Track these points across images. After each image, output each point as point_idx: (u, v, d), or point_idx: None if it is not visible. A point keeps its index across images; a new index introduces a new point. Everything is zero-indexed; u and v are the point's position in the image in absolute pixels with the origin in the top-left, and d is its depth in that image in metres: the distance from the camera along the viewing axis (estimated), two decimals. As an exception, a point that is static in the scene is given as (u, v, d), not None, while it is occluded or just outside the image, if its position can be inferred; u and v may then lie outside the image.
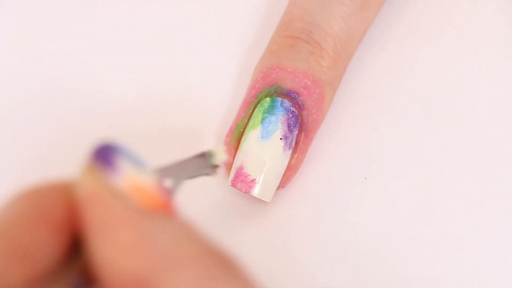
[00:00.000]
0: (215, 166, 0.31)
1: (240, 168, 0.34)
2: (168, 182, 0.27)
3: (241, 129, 0.34)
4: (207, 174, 0.30)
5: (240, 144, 0.34)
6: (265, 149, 0.34)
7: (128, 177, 0.23)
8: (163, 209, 0.23)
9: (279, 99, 0.34)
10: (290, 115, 0.34)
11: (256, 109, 0.34)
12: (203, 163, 0.30)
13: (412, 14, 0.39)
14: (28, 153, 0.37)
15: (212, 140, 0.37)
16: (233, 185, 0.34)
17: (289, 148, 0.34)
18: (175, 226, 0.22)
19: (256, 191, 0.33)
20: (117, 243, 0.22)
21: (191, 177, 0.29)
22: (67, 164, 0.35)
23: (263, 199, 0.34)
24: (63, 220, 0.23)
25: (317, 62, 0.34)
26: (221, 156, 0.31)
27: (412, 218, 0.35)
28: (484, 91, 0.38)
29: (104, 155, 0.23)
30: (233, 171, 0.34)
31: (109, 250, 0.22)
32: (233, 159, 0.34)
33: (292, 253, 0.35)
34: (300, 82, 0.34)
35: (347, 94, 0.38)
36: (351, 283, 0.34)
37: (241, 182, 0.34)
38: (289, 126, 0.34)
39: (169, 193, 0.24)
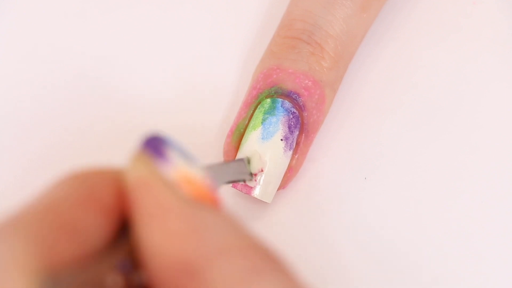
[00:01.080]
0: (253, 174, 0.32)
1: None
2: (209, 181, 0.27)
3: (242, 130, 0.34)
4: (244, 181, 0.32)
5: (241, 145, 0.34)
6: (266, 150, 0.34)
7: (178, 168, 0.23)
8: (211, 202, 0.23)
9: (280, 100, 0.34)
10: (291, 116, 0.34)
11: (256, 110, 0.34)
12: (241, 168, 0.32)
13: (411, 14, 0.39)
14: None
15: (212, 141, 0.37)
16: (233, 185, 0.34)
17: (289, 149, 0.34)
18: (223, 218, 0.23)
19: (256, 192, 0.34)
20: (166, 230, 0.22)
21: (229, 181, 0.31)
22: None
23: (263, 200, 0.34)
24: (111, 204, 0.23)
25: (318, 63, 0.34)
26: (258, 164, 0.33)
27: (412, 218, 0.35)
28: (485, 91, 0.38)
29: (156, 145, 0.24)
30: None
31: (158, 236, 0.22)
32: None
33: (293, 253, 0.35)
34: (300, 83, 0.34)
35: (347, 95, 0.38)
36: (352, 282, 0.34)
37: (241, 183, 0.34)
38: (289, 127, 0.34)
39: (215, 188, 0.25)
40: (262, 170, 0.33)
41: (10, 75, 0.39)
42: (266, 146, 0.34)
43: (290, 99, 0.34)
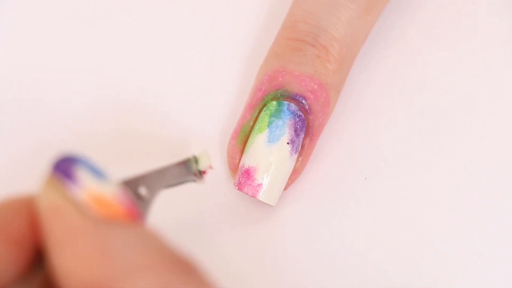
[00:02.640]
0: (201, 172, 0.30)
1: (247, 171, 0.34)
2: (142, 191, 0.27)
3: (247, 132, 0.34)
4: (192, 181, 0.30)
5: (246, 148, 0.34)
6: (272, 153, 0.34)
7: (87, 188, 0.23)
8: (126, 218, 0.23)
9: (286, 103, 0.34)
10: (297, 119, 0.34)
11: (262, 112, 0.34)
12: (185, 170, 0.30)
13: (411, 14, 0.39)
14: None
15: (214, 141, 0.37)
16: (239, 188, 0.34)
17: (295, 152, 0.34)
18: (135, 235, 0.23)
19: (262, 195, 0.34)
20: (75, 253, 0.22)
21: (171, 185, 0.29)
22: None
23: (268, 203, 0.34)
24: (23, 235, 0.23)
25: (323, 66, 0.34)
26: (206, 161, 0.30)
27: (412, 218, 0.35)
28: (485, 91, 0.38)
29: (64, 167, 0.23)
30: (239, 175, 0.34)
31: (68, 260, 0.22)
32: (239, 162, 0.34)
33: (295, 253, 0.35)
34: (306, 86, 0.34)
35: (348, 96, 0.38)
36: (353, 282, 0.34)
37: (248, 186, 0.34)
38: (295, 131, 0.34)
39: (133, 202, 0.24)
40: (211, 167, 0.31)
41: None
42: (272, 149, 0.34)
43: (296, 102, 0.34)
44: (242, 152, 0.34)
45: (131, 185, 0.26)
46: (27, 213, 0.23)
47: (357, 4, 0.35)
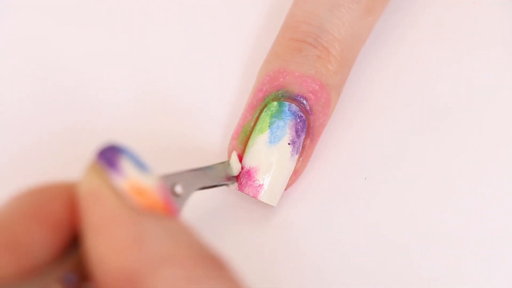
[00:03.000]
0: (233, 177, 0.32)
1: (248, 172, 0.34)
2: (178, 188, 0.27)
3: (248, 133, 0.34)
4: (225, 185, 0.32)
5: (247, 148, 0.34)
6: (273, 154, 0.34)
7: (129, 178, 0.24)
8: (163, 210, 0.24)
9: (287, 103, 0.34)
10: (298, 120, 0.34)
11: (263, 113, 0.34)
12: (219, 174, 0.31)
13: (412, 15, 0.39)
14: (26, 155, 0.37)
15: (215, 141, 0.37)
16: (240, 189, 0.34)
17: (296, 153, 0.34)
18: (171, 227, 0.23)
19: (263, 196, 0.34)
20: (110, 241, 0.22)
21: (206, 187, 0.30)
22: (65, 166, 0.35)
23: (269, 204, 0.34)
24: (61, 218, 0.24)
25: (324, 67, 0.34)
26: (237, 166, 0.32)
27: (412, 218, 0.35)
28: (485, 91, 0.38)
29: (108, 155, 0.24)
30: (240, 175, 0.34)
31: (103, 246, 0.22)
32: (240, 163, 0.34)
33: (296, 253, 0.35)
34: (308, 87, 0.34)
35: (348, 96, 0.38)
36: (354, 282, 0.34)
37: (249, 186, 0.34)
38: (297, 131, 0.34)
39: (173, 196, 0.25)
40: (242, 168, 0.33)
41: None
42: (273, 150, 0.34)
43: (297, 102, 0.34)
44: (243, 152, 0.34)
45: (168, 181, 0.27)
46: (66, 197, 0.24)
47: (358, 5, 0.35)
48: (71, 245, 0.24)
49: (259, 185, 0.34)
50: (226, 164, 0.33)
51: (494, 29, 0.39)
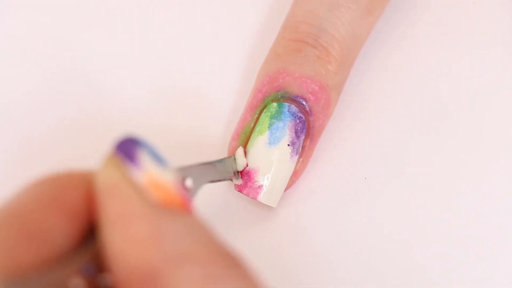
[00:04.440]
0: (238, 172, 0.32)
1: (247, 173, 0.34)
2: (189, 182, 0.27)
3: (248, 133, 0.34)
4: (230, 179, 0.32)
5: (247, 150, 0.34)
6: (272, 155, 0.34)
7: (148, 172, 0.23)
8: (180, 206, 0.23)
9: (286, 104, 0.34)
10: (298, 121, 0.34)
11: (262, 114, 0.34)
12: (228, 167, 0.31)
13: (412, 15, 0.39)
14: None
15: (215, 141, 0.37)
16: (239, 190, 0.34)
17: (296, 154, 0.34)
18: (189, 223, 0.23)
19: (263, 197, 0.34)
20: (129, 235, 0.22)
21: (214, 180, 0.30)
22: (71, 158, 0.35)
23: (269, 205, 0.34)
24: (79, 208, 0.23)
25: (324, 67, 0.34)
26: (242, 161, 0.33)
27: (412, 218, 0.35)
28: (485, 91, 0.38)
29: (127, 148, 0.23)
30: (239, 176, 0.34)
31: (121, 240, 0.22)
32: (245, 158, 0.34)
33: (296, 254, 0.35)
34: (307, 88, 0.34)
35: (348, 96, 0.38)
36: (354, 282, 0.34)
37: (248, 187, 0.34)
38: (296, 132, 0.34)
39: (188, 192, 0.25)
40: (247, 165, 0.33)
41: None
42: (273, 151, 0.33)
43: (297, 103, 0.34)
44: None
45: (180, 174, 0.27)
46: (85, 187, 0.24)
47: (358, 5, 0.34)
48: (89, 236, 0.24)
49: (259, 186, 0.34)
50: (232, 159, 0.32)
51: (494, 29, 0.39)
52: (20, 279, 0.22)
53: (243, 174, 0.34)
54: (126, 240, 0.22)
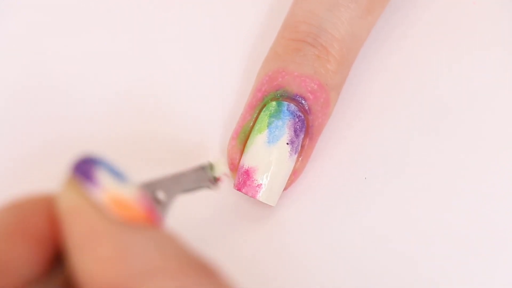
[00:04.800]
0: (216, 179, 0.30)
1: (246, 172, 0.34)
2: (160, 195, 0.27)
3: (247, 133, 0.34)
4: (207, 187, 0.30)
5: (246, 148, 0.34)
6: (271, 154, 0.34)
7: (107, 190, 0.23)
8: (145, 221, 0.23)
9: (285, 103, 0.34)
10: (297, 120, 0.34)
11: (262, 113, 0.34)
12: (201, 176, 0.30)
13: (412, 15, 0.39)
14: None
15: (215, 141, 0.37)
16: (238, 189, 0.34)
17: (295, 153, 0.34)
18: (155, 237, 0.23)
19: (262, 196, 0.34)
20: (95, 255, 0.22)
21: (188, 190, 0.29)
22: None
23: (268, 204, 0.34)
24: (44, 233, 0.23)
25: (323, 67, 0.34)
26: (221, 169, 0.30)
27: (412, 218, 0.35)
28: (485, 91, 0.38)
29: (84, 168, 0.23)
30: (238, 175, 0.34)
31: (88, 262, 0.22)
32: (239, 162, 0.34)
33: (295, 253, 0.35)
34: (306, 87, 0.34)
35: (348, 96, 0.38)
36: (353, 282, 0.34)
37: (247, 186, 0.34)
38: (295, 131, 0.34)
39: (152, 205, 0.24)
40: (226, 175, 0.31)
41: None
42: (272, 150, 0.33)
43: (296, 102, 0.34)
44: (242, 152, 0.34)
45: (149, 188, 0.26)
46: (47, 212, 0.23)
47: (357, 4, 0.35)
48: (56, 262, 0.24)
49: (258, 185, 0.34)
50: (208, 166, 0.31)
51: (494, 29, 0.39)
52: None
53: (241, 173, 0.34)
54: (93, 260, 0.22)
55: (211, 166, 0.30)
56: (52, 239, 0.23)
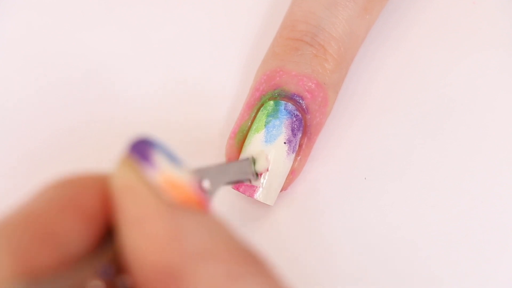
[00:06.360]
0: (257, 173, 0.32)
1: None
2: (206, 183, 0.27)
3: (245, 132, 0.34)
4: (248, 181, 0.32)
5: (244, 148, 0.34)
6: (269, 153, 0.33)
7: (163, 172, 0.23)
8: (197, 205, 0.23)
9: (283, 102, 0.34)
10: (294, 119, 0.34)
11: (259, 112, 0.34)
12: (245, 169, 0.31)
13: (412, 14, 0.39)
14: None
15: (215, 141, 0.37)
16: (236, 188, 0.34)
17: (292, 152, 0.34)
18: (207, 222, 0.23)
19: (259, 195, 0.33)
20: (148, 235, 0.22)
21: (231, 181, 0.30)
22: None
23: (266, 203, 0.34)
24: (95, 210, 0.23)
25: (321, 66, 0.34)
26: (263, 164, 0.32)
27: (412, 218, 0.35)
28: (485, 91, 0.38)
29: (142, 149, 0.23)
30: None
31: (140, 241, 0.22)
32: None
33: (293, 253, 0.35)
34: (304, 86, 0.34)
35: (347, 95, 0.37)
36: (353, 282, 0.34)
37: (245, 186, 0.34)
38: (292, 130, 0.34)
39: (204, 191, 0.25)
40: (267, 170, 0.33)
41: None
42: (269, 149, 0.33)
43: (293, 101, 0.34)
44: (240, 151, 0.34)
45: (197, 176, 0.26)
46: (100, 189, 0.23)
47: (355, 3, 0.35)
48: (106, 238, 0.24)
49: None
50: (250, 160, 0.32)
51: (494, 29, 0.39)
52: (38, 281, 0.22)
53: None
54: (144, 239, 0.22)
55: (254, 161, 0.32)
56: (102, 216, 0.23)
